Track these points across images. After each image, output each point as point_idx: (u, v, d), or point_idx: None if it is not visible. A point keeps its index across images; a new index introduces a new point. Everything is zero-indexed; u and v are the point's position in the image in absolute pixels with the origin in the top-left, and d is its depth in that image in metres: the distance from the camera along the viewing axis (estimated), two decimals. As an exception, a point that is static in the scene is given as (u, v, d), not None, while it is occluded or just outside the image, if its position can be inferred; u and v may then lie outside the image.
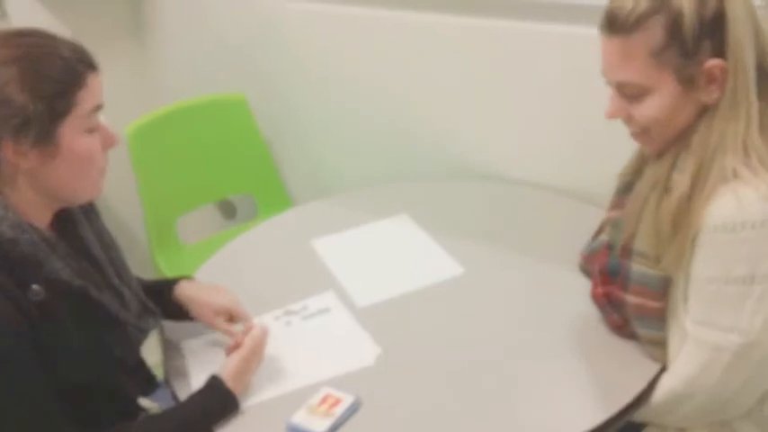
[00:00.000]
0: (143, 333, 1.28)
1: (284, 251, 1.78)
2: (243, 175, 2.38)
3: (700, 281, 1.15)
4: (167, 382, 1.40)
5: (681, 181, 1.14)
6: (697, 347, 1.16)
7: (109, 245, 1.29)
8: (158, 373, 1.44)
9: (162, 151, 2.24)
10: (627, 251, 1.24)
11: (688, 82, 1.12)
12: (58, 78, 1.07)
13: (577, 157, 1.84)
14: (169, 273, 2.17)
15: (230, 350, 1.33)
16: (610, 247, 1.30)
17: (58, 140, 1.08)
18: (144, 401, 1.34)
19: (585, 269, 1.38)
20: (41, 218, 1.16)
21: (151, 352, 1.42)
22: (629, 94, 1.16)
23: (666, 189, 1.17)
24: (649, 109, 1.15)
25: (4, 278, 1.06)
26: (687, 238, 1.14)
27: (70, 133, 1.09)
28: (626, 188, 1.34)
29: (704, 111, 1.14)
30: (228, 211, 2.71)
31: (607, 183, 1.40)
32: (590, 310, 1.39)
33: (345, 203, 1.98)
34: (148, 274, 1.53)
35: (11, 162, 1.07)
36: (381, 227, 1.83)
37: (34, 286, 1.09)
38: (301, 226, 1.88)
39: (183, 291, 1.42)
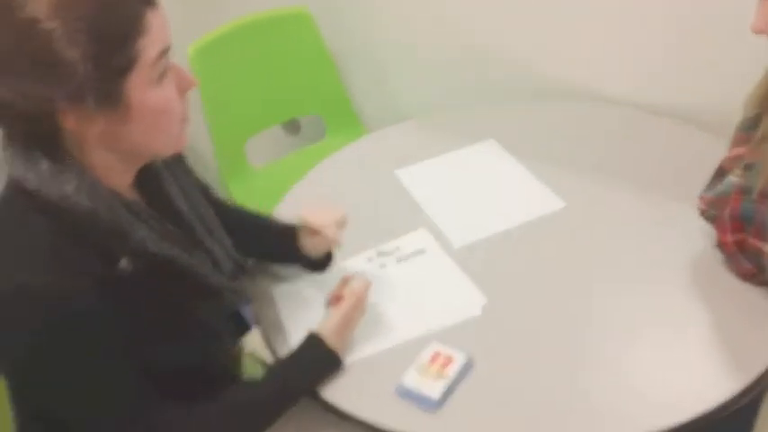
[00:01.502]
0: (238, 295, 1.21)
1: (367, 182, 1.68)
2: (310, 94, 2.26)
3: None
4: (263, 332, 1.35)
5: None
6: None
7: (196, 199, 1.20)
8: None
9: (226, 71, 2.12)
10: (765, 196, 1.12)
11: None
12: (112, 28, 0.90)
13: (683, 71, 1.68)
14: (241, 198, 2.10)
15: (331, 303, 1.27)
16: (743, 191, 1.18)
17: (125, 99, 0.94)
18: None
19: (708, 214, 1.26)
20: (122, 180, 1.06)
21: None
22: None
23: None
24: None
25: (88, 254, 0.96)
26: None
27: (138, 88, 0.94)
28: (753, 123, 1.20)
29: None
30: (293, 128, 2.61)
31: (719, 104, 1.26)
32: (711, 252, 1.29)
33: (425, 129, 1.86)
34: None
35: (76, 130, 0.95)
36: (467, 154, 1.72)
37: (122, 261, 0.99)
38: (381, 154, 1.78)
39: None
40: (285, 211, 1.55)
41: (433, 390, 1.14)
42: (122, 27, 0.91)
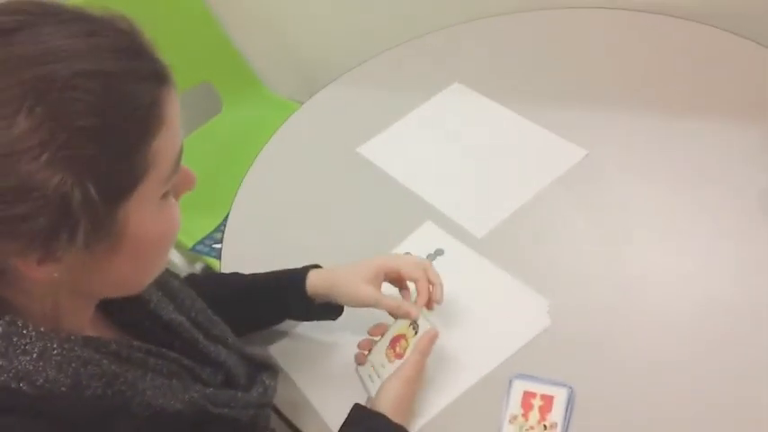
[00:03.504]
0: (264, 409, 0.86)
1: (327, 171, 1.32)
2: (193, 60, 1.82)
3: None
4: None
5: None
6: None
7: (179, 294, 0.84)
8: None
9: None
10: None
11: None
12: (110, 129, 0.55)
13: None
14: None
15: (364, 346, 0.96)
16: None
17: (116, 229, 0.59)
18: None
19: None
20: (83, 316, 0.70)
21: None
22: None
23: None
24: None
25: None
26: None
27: (138, 212, 0.60)
28: None
29: None
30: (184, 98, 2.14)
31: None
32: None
33: (366, 85, 1.49)
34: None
35: (31, 277, 0.58)
36: (436, 108, 1.39)
37: None
38: (329, 127, 1.41)
39: (316, 280, 0.99)
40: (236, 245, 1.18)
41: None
42: (131, 121, 0.57)
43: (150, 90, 0.58)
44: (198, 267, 1.73)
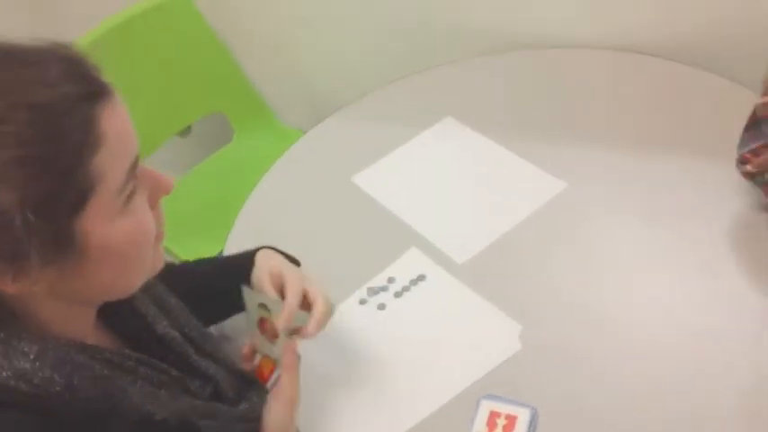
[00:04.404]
0: (251, 424, 0.91)
1: (322, 200, 1.39)
2: (206, 91, 1.91)
3: None
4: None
5: None
6: None
7: (173, 309, 0.90)
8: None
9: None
10: None
11: None
12: (43, 156, 0.61)
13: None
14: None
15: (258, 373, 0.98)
16: None
17: (79, 242, 0.64)
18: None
19: (758, 179, 1.07)
20: (85, 324, 0.77)
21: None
22: None
23: None
24: None
25: None
26: None
27: (97, 224, 0.65)
28: None
29: None
30: (183, 132, 2.24)
31: (718, 32, 1.05)
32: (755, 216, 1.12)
33: (364, 118, 1.56)
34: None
35: (17, 294, 0.65)
36: (428, 140, 1.45)
37: None
38: (327, 158, 1.48)
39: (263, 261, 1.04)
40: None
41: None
42: (69, 140, 0.62)
43: (83, 111, 0.63)
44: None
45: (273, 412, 0.90)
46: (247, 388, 0.95)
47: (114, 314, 0.81)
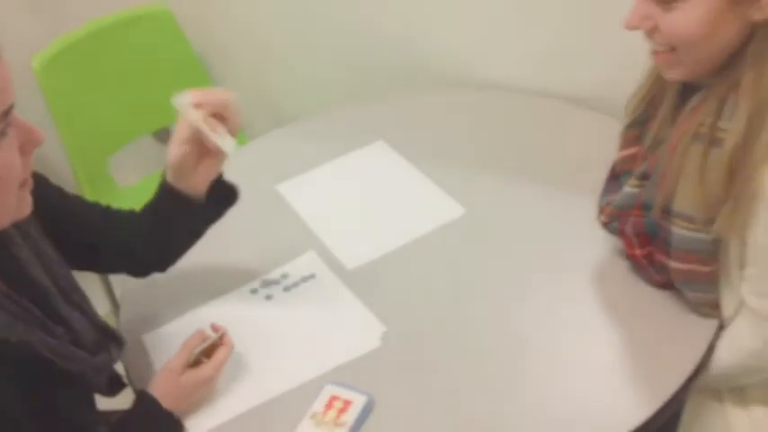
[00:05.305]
0: (103, 373, 1.02)
1: (245, 201, 1.49)
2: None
3: (763, 249, 0.96)
4: (132, 385, 1.16)
5: (732, 130, 0.93)
6: (761, 322, 1.01)
7: (51, 260, 1.00)
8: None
9: (79, 83, 1.89)
10: (666, 212, 1.03)
11: None
12: None
13: (568, 53, 1.57)
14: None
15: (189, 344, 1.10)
16: (644, 206, 1.08)
17: None
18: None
19: (611, 227, 1.15)
20: None
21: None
22: None
23: (713, 140, 0.95)
24: (682, 20, 0.91)
25: None
26: (744, 196, 0.94)
27: None
28: (640, 121, 1.11)
29: (752, 34, 0.91)
30: (163, 136, 2.38)
31: (605, 84, 1.18)
32: (617, 256, 1.20)
33: (307, 133, 1.69)
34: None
35: None
36: (355, 160, 1.57)
37: None
38: (259, 165, 1.59)
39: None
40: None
41: (332, 444, 1.00)
42: None
43: None
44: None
45: (155, 377, 1.06)
46: (108, 341, 1.04)
47: None
